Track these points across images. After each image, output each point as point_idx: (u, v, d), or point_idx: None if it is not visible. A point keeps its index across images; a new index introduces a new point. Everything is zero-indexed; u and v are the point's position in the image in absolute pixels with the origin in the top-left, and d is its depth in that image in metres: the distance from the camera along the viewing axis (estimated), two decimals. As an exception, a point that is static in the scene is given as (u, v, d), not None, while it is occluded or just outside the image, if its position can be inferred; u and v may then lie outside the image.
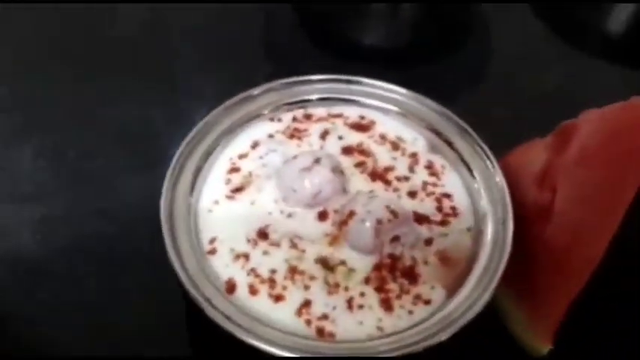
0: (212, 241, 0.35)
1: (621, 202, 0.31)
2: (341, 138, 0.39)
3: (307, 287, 0.33)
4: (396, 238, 0.34)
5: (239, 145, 0.39)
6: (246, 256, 0.34)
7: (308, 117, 0.40)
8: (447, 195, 0.37)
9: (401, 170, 0.38)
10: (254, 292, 0.33)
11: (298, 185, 0.35)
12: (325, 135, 0.39)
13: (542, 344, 0.34)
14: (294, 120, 0.40)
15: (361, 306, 0.33)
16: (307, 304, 0.33)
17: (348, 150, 0.39)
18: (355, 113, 0.41)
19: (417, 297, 0.33)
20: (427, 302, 0.33)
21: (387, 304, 0.33)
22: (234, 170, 0.38)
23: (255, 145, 0.39)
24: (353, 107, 0.41)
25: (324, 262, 0.34)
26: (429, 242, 0.35)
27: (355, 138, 0.39)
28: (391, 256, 0.34)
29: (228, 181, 0.37)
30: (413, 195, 0.37)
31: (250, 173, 0.37)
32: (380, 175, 0.38)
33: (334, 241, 0.34)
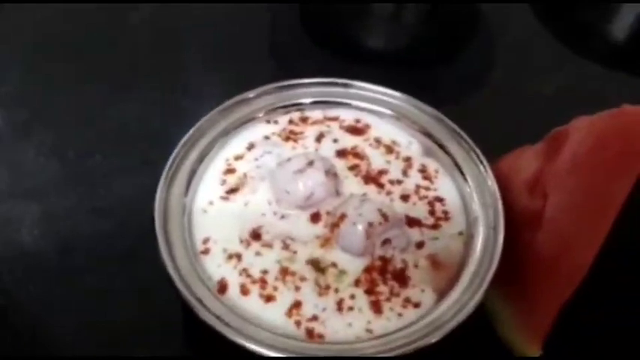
0: (205, 241, 0.35)
1: (610, 209, 0.32)
2: (336, 141, 0.39)
3: (298, 288, 0.33)
4: (387, 241, 0.34)
5: (235, 147, 0.39)
6: (238, 257, 0.34)
7: (304, 120, 0.41)
8: (440, 199, 0.37)
9: (394, 173, 0.38)
10: (245, 293, 0.33)
11: (291, 187, 0.36)
12: (321, 138, 0.39)
13: (531, 349, 0.34)
14: (290, 122, 0.40)
15: (351, 308, 0.33)
16: (297, 305, 0.33)
17: (343, 153, 0.39)
18: (351, 116, 0.41)
19: (407, 300, 0.33)
20: (417, 305, 0.33)
21: (377, 307, 0.33)
22: (229, 171, 0.38)
23: (251, 147, 0.39)
24: (349, 110, 0.41)
25: (316, 264, 0.34)
26: (420, 245, 0.35)
27: (350, 141, 0.40)
28: (382, 259, 0.34)
29: (223, 182, 0.37)
30: (405, 198, 0.37)
31: (245, 174, 0.38)
32: (373, 178, 0.38)
33: (326, 243, 0.35)
